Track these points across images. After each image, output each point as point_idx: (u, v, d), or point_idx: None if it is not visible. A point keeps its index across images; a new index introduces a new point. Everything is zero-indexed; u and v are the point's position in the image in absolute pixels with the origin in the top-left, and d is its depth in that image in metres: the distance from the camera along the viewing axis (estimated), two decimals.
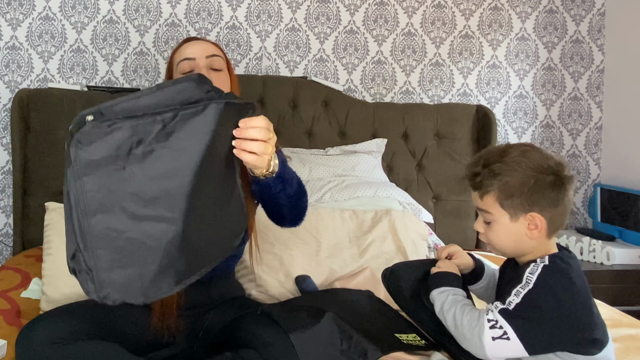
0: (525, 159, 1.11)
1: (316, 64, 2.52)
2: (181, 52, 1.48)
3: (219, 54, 1.48)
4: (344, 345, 1.18)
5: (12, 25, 2.33)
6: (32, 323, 1.22)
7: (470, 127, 2.44)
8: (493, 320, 1.04)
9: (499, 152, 1.15)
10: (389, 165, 2.38)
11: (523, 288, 1.06)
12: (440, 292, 1.16)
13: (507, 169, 1.11)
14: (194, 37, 1.54)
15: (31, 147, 2.18)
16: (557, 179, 1.11)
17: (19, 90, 2.19)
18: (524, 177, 1.10)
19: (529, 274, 1.08)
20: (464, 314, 1.09)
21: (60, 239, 1.65)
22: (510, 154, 1.13)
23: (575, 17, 2.66)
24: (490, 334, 1.03)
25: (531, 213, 1.11)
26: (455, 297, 1.14)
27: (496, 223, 1.14)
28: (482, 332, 1.04)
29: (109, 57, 2.39)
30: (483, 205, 1.15)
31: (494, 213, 1.14)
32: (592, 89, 2.69)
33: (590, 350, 1.08)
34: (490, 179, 1.12)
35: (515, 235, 1.13)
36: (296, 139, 2.35)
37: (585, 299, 1.10)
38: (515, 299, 1.05)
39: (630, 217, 2.40)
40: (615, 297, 2.13)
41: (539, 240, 1.13)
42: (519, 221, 1.12)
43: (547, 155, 1.13)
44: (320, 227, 1.82)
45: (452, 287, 1.17)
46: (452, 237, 2.32)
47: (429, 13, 2.57)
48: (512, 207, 1.12)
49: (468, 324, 1.07)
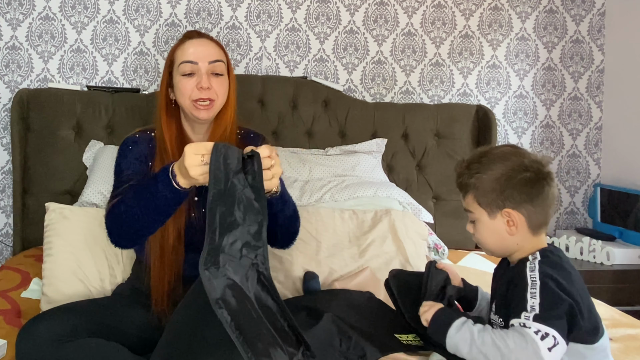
0: (502, 157, 1.15)
1: (316, 64, 2.52)
2: (184, 51, 1.45)
3: (221, 57, 1.47)
4: (343, 346, 1.18)
5: (12, 25, 2.33)
6: (33, 321, 1.22)
7: (470, 127, 2.44)
8: (538, 331, 1.00)
9: (480, 153, 1.20)
10: (389, 165, 2.38)
11: (534, 287, 1.05)
12: (458, 330, 1.08)
13: (483, 167, 1.16)
14: (197, 32, 1.51)
15: (31, 147, 2.18)
16: (532, 175, 1.13)
17: (19, 90, 2.19)
18: (496, 174, 1.14)
19: (530, 273, 1.08)
20: (506, 338, 1.02)
21: (60, 239, 1.66)
22: (488, 154, 1.18)
23: (575, 17, 2.66)
24: (545, 345, 0.99)
25: (506, 209, 1.13)
26: (477, 326, 1.08)
27: (479, 222, 1.18)
28: (537, 348, 0.98)
29: (109, 57, 2.39)
30: (465, 205, 1.20)
31: (474, 212, 1.18)
32: (592, 89, 2.69)
33: (591, 339, 1.08)
34: (468, 179, 1.17)
35: (496, 232, 1.16)
36: (296, 139, 2.35)
37: (583, 286, 1.11)
38: (534, 300, 1.03)
39: (630, 217, 2.40)
40: (615, 297, 2.13)
41: (521, 236, 1.15)
42: (497, 218, 1.15)
43: (525, 154, 1.17)
44: (320, 227, 1.82)
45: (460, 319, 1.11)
46: (452, 237, 2.32)
47: (429, 13, 2.57)
48: (488, 205, 1.15)
49: (517, 346, 1.00)
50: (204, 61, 1.43)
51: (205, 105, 1.43)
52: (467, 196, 1.19)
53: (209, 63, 1.44)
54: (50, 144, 2.17)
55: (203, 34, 1.52)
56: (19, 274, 1.79)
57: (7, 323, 1.44)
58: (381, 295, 1.53)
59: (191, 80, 1.43)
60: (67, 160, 2.17)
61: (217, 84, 1.44)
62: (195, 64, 1.43)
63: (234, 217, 1.06)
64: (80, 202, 1.95)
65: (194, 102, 1.43)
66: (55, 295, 1.54)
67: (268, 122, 2.34)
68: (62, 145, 2.18)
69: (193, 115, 1.45)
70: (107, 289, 1.60)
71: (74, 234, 1.66)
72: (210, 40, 1.49)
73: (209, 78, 1.43)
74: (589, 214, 2.67)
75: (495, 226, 1.16)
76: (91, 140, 2.19)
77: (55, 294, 1.54)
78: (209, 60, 1.44)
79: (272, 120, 2.36)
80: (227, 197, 1.06)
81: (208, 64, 1.43)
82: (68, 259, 1.61)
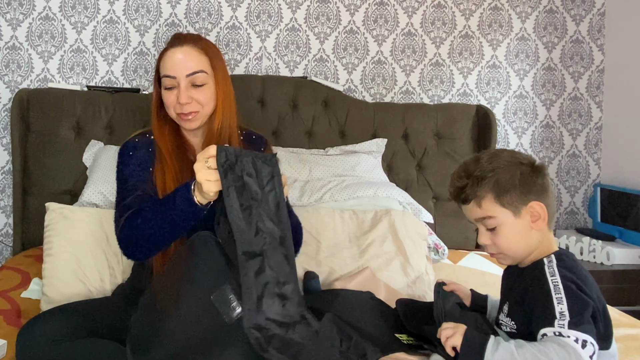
0: (499, 157, 1.16)
1: (316, 64, 2.52)
2: (165, 63, 1.43)
3: (201, 67, 1.42)
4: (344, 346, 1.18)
5: (12, 25, 2.33)
6: (33, 320, 1.23)
7: (470, 127, 2.44)
8: (576, 340, 0.97)
9: (472, 161, 1.18)
10: (389, 165, 2.38)
11: (558, 292, 1.03)
12: (494, 351, 1.01)
13: (489, 169, 1.14)
14: (179, 39, 1.45)
15: (31, 147, 2.18)
16: (536, 168, 1.15)
17: (19, 90, 2.19)
18: (509, 171, 1.13)
19: (552, 278, 1.06)
20: (546, 352, 0.96)
21: (60, 239, 1.66)
22: (482, 159, 1.17)
23: (575, 17, 2.66)
24: (586, 354, 0.96)
25: (530, 203, 1.13)
26: (511, 345, 1.01)
27: (502, 226, 1.14)
28: (580, 358, 0.95)
29: (109, 57, 2.39)
30: (483, 212, 1.15)
31: (497, 215, 1.14)
32: (592, 89, 2.69)
33: (606, 344, 1.08)
34: (478, 186, 1.14)
35: (522, 231, 1.14)
36: (296, 139, 2.35)
37: (598, 290, 1.10)
38: (562, 306, 1.01)
39: (630, 217, 2.40)
40: (615, 297, 2.13)
41: (542, 232, 1.14)
42: (522, 215, 1.13)
43: (514, 151, 1.19)
44: (320, 227, 1.82)
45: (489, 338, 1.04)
46: (452, 237, 2.32)
47: (429, 13, 2.57)
48: (511, 203, 1.13)
49: (559, 358, 0.95)
50: (182, 74, 1.40)
51: (187, 117, 1.43)
52: (484, 202, 1.13)
53: (187, 76, 1.40)
54: (50, 144, 2.17)
55: (186, 38, 1.45)
56: (19, 274, 1.79)
57: (7, 323, 1.44)
58: (381, 295, 1.53)
59: (172, 93, 1.42)
60: (67, 160, 2.17)
61: (198, 94, 1.41)
62: (174, 79, 1.41)
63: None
64: (80, 202, 1.95)
65: (178, 114, 1.43)
66: (55, 296, 1.54)
67: (268, 122, 2.34)
68: (62, 145, 2.18)
69: (180, 124, 1.47)
70: (107, 289, 1.60)
71: (74, 234, 1.67)
72: (193, 46, 1.44)
73: (188, 91, 1.40)
74: (589, 214, 2.67)
75: (521, 225, 1.13)
76: (91, 140, 2.19)
77: (55, 294, 1.55)
78: (186, 74, 1.40)
79: (272, 120, 2.36)
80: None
81: (186, 77, 1.40)
82: (68, 259, 1.61)
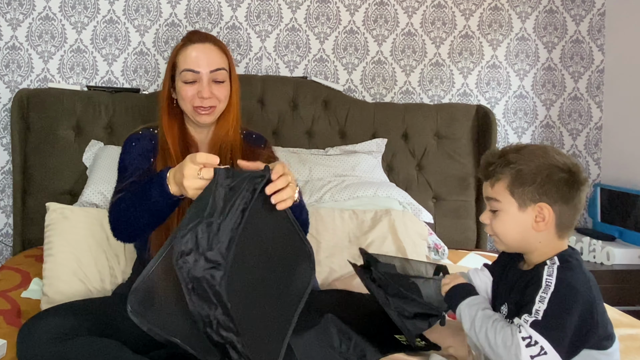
0: (543, 153, 1.14)
1: (316, 64, 2.52)
2: (186, 57, 1.45)
3: (223, 64, 1.47)
4: (343, 347, 1.18)
5: (12, 25, 2.33)
6: (34, 319, 1.23)
7: (470, 127, 2.44)
8: (528, 338, 1.01)
9: (518, 146, 1.18)
10: (389, 165, 2.38)
11: (546, 292, 1.05)
12: (469, 306, 1.13)
13: (523, 159, 1.13)
14: (199, 35, 1.49)
15: (31, 147, 2.18)
16: (571, 177, 1.12)
17: (19, 90, 2.19)
18: (539, 167, 1.12)
19: (547, 277, 1.07)
20: (497, 332, 1.05)
21: (61, 239, 1.66)
22: (528, 147, 1.16)
23: (575, 17, 2.66)
24: (527, 352, 1.00)
25: (540, 203, 1.12)
26: (485, 313, 1.11)
27: (503, 212, 1.15)
28: (519, 352, 1.00)
29: (109, 57, 2.39)
30: (492, 193, 1.16)
31: (502, 201, 1.14)
32: (592, 89, 2.69)
33: (606, 344, 1.08)
34: (503, 167, 1.14)
35: (521, 226, 1.13)
36: (296, 139, 2.35)
37: (599, 292, 1.10)
38: (541, 305, 1.03)
39: (630, 217, 2.40)
40: (615, 297, 2.13)
41: (545, 235, 1.13)
42: (527, 211, 1.13)
43: (565, 155, 1.16)
44: (320, 227, 1.82)
45: (475, 296, 1.15)
46: (452, 237, 2.32)
47: (429, 13, 2.57)
48: (521, 196, 1.12)
49: (502, 343, 1.03)
50: (206, 70, 1.44)
51: (206, 111, 1.46)
52: (498, 184, 1.15)
53: (211, 72, 1.44)
54: (50, 144, 2.18)
55: (206, 36, 1.50)
56: (19, 274, 1.79)
57: (7, 323, 1.44)
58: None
59: (193, 87, 1.45)
60: (67, 160, 2.17)
61: (218, 90, 1.46)
62: (197, 73, 1.44)
63: None
64: (80, 202, 1.95)
65: (195, 108, 1.46)
66: (55, 296, 1.54)
67: (268, 122, 2.34)
68: (62, 145, 2.18)
69: (195, 119, 1.48)
70: (107, 289, 1.60)
71: (74, 234, 1.67)
72: (213, 44, 1.49)
73: (210, 86, 1.44)
74: (589, 214, 2.67)
75: (522, 219, 1.13)
76: (91, 140, 2.19)
77: (55, 294, 1.55)
78: (210, 69, 1.44)
79: (272, 120, 2.36)
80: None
81: (210, 73, 1.44)
82: (68, 259, 1.61)
